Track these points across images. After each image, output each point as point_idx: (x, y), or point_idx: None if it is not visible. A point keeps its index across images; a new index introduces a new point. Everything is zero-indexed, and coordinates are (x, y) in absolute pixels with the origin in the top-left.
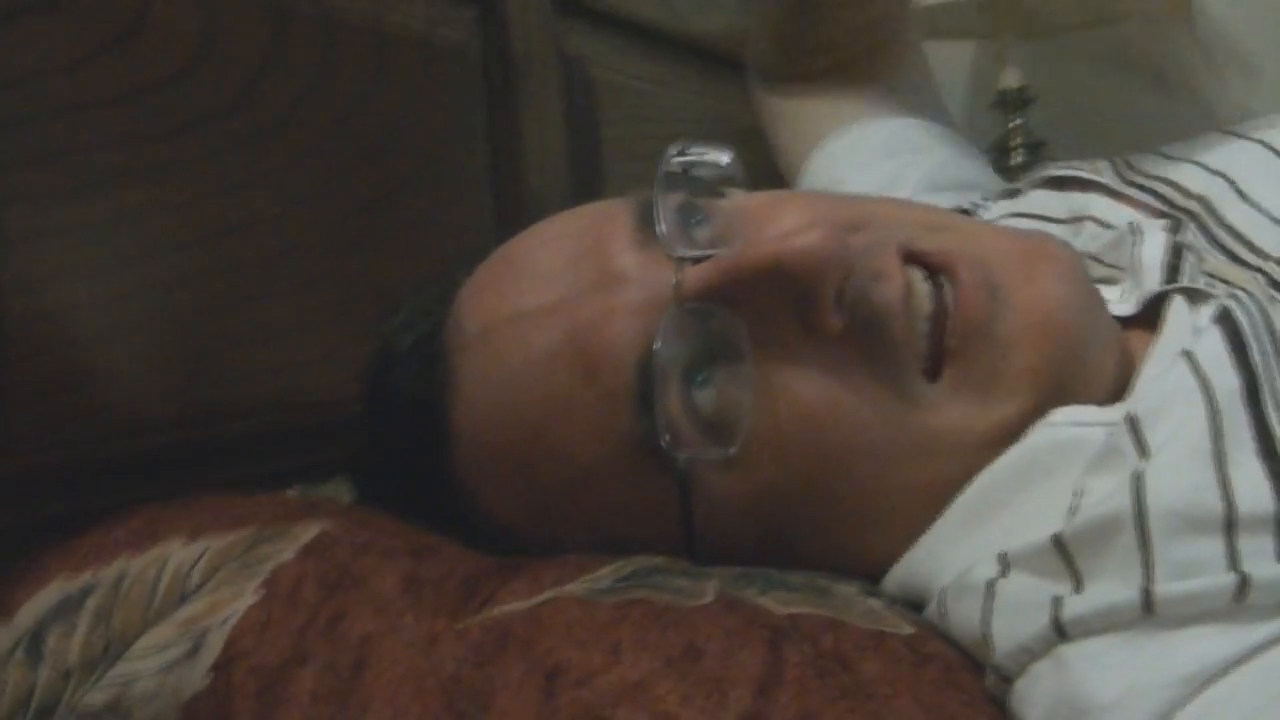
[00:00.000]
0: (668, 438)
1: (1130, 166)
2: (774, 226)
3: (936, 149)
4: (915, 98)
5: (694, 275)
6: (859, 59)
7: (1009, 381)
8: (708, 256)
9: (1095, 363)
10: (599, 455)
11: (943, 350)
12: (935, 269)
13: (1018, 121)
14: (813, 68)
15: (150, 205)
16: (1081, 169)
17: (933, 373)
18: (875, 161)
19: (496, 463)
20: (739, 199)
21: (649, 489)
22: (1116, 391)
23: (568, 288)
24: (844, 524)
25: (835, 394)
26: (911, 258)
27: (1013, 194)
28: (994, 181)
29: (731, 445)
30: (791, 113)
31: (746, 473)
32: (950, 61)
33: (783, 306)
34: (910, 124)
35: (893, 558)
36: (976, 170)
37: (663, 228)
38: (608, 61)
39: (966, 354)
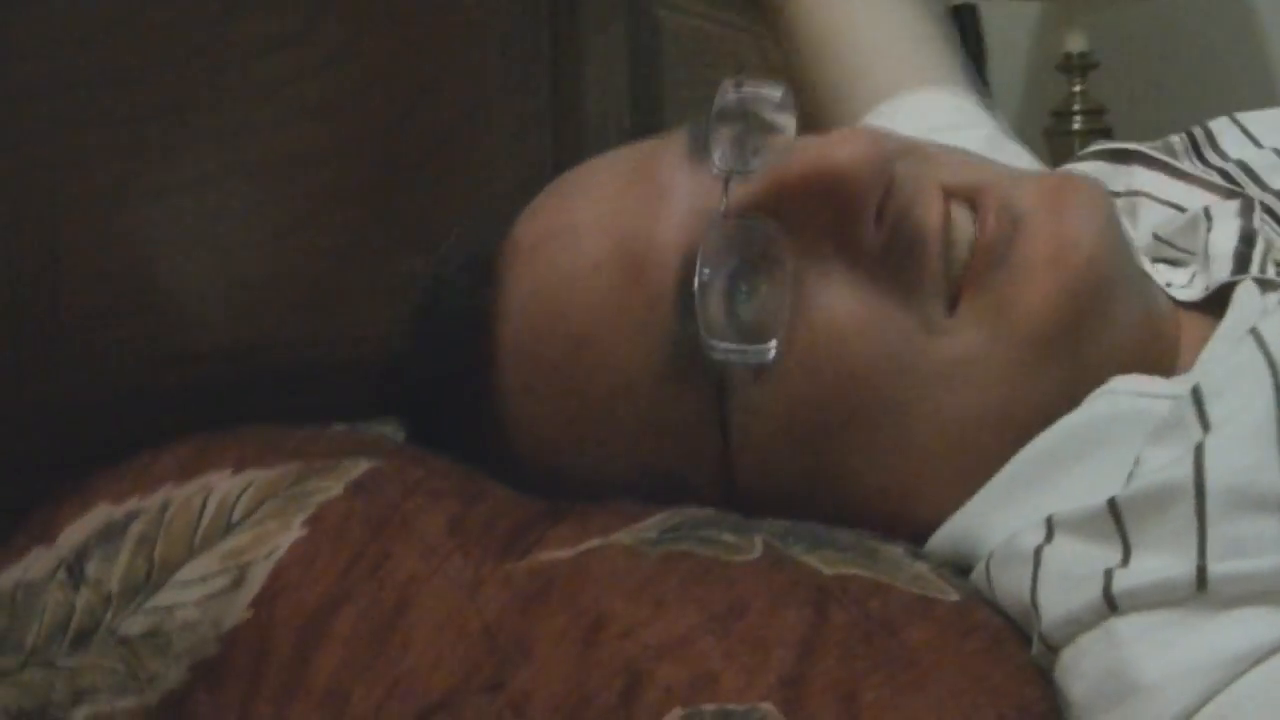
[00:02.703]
0: (705, 340)
1: (1210, 143)
2: (822, 145)
3: (978, 126)
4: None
5: (740, 188)
6: None
7: (1025, 309)
8: (756, 173)
9: (1120, 310)
10: (641, 361)
11: (967, 277)
12: (966, 200)
13: (1080, 87)
14: None
15: (205, 134)
16: (1145, 147)
17: (952, 302)
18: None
19: (541, 371)
20: (791, 133)
21: (688, 400)
22: (1163, 366)
23: (618, 203)
24: (877, 450)
25: (863, 314)
26: (950, 192)
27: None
28: (1035, 163)
29: (765, 349)
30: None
31: (780, 383)
32: (1014, 22)
33: (824, 218)
34: (949, 101)
35: (940, 505)
36: (1015, 150)
37: (714, 152)
38: (672, 3)
39: (983, 279)
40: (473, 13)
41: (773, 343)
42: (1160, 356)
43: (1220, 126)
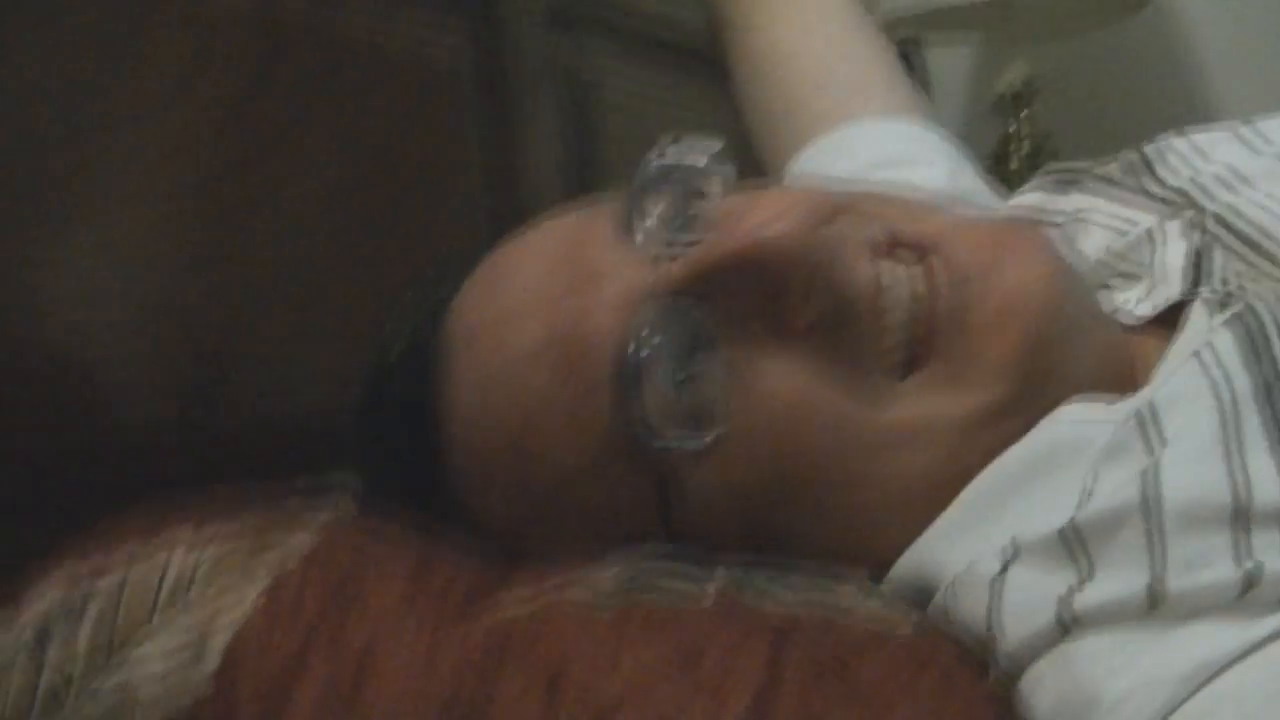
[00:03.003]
0: (643, 428)
1: (1162, 161)
2: (747, 218)
3: (937, 161)
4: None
5: (671, 268)
6: None
7: (985, 368)
8: (684, 252)
9: (1077, 354)
10: (580, 454)
11: (918, 346)
12: (912, 250)
13: (1015, 126)
14: None
15: (146, 226)
16: (1090, 169)
17: (905, 369)
18: (875, 171)
19: (485, 470)
20: (720, 195)
21: (630, 488)
22: (1118, 389)
23: (548, 288)
24: (828, 520)
25: (804, 388)
26: (886, 248)
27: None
28: (987, 191)
29: (706, 436)
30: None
31: (724, 466)
32: (948, 65)
33: (754, 298)
34: (902, 131)
35: (890, 553)
36: (971, 179)
37: (641, 224)
38: (606, 73)
39: (940, 346)
40: (406, 96)
41: (712, 429)
42: (1116, 379)
43: (1161, 149)
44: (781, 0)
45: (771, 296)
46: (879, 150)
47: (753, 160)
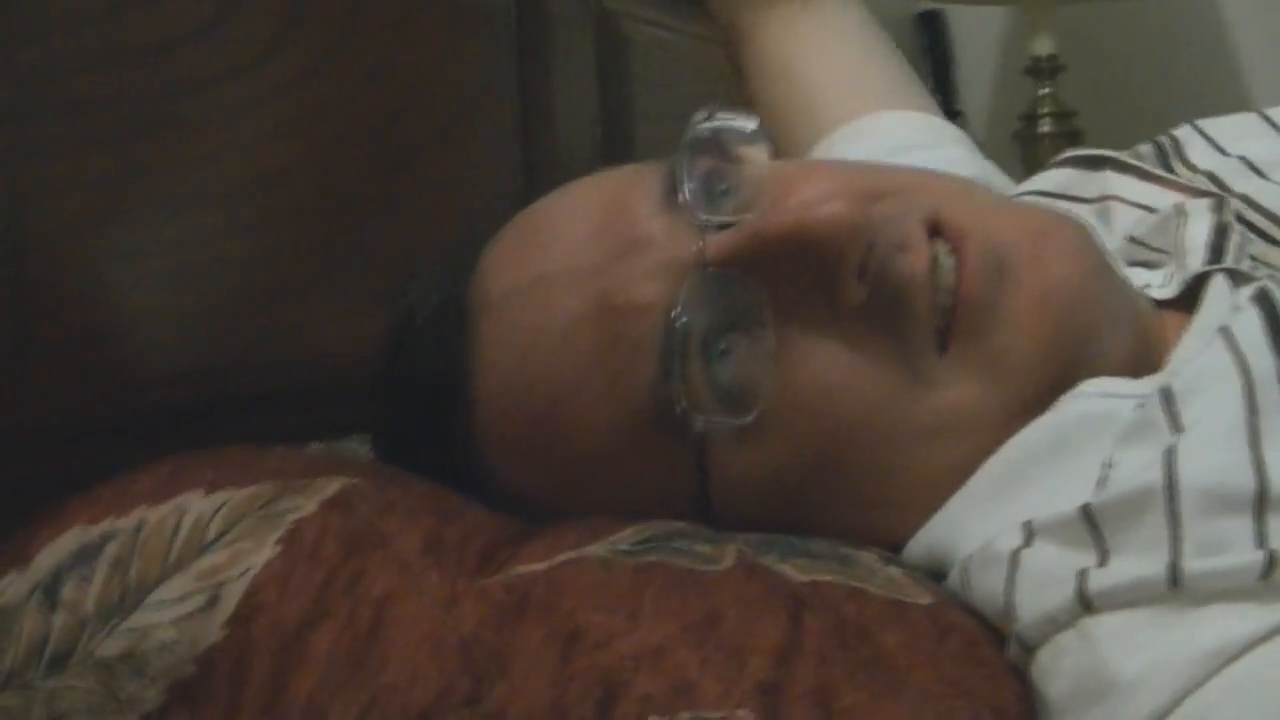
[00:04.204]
0: (684, 404)
1: (1177, 153)
2: (798, 194)
3: (952, 145)
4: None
5: (717, 241)
6: None
7: (1016, 360)
8: (732, 223)
9: (1107, 341)
10: (618, 424)
11: (956, 325)
12: (947, 238)
13: (1047, 90)
14: None
15: (170, 160)
16: (1117, 153)
17: (942, 346)
18: (897, 155)
19: (517, 432)
20: (765, 165)
21: (666, 461)
22: (1144, 368)
23: (591, 253)
24: (859, 504)
25: (849, 371)
26: (934, 229)
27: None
28: (1004, 179)
29: (747, 414)
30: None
31: (761, 445)
32: (980, 27)
33: (804, 276)
34: (920, 119)
35: (912, 531)
36: (986, 166)
37: (687, 193)
38: (641, 16)
39: (972, 331)
40: (439, 36)
41: (754, 410)
42: (1144, 361)
43: (1185, 135)
44: (793, 8)
45: (822, 275)
46: (899, 136)
47: None
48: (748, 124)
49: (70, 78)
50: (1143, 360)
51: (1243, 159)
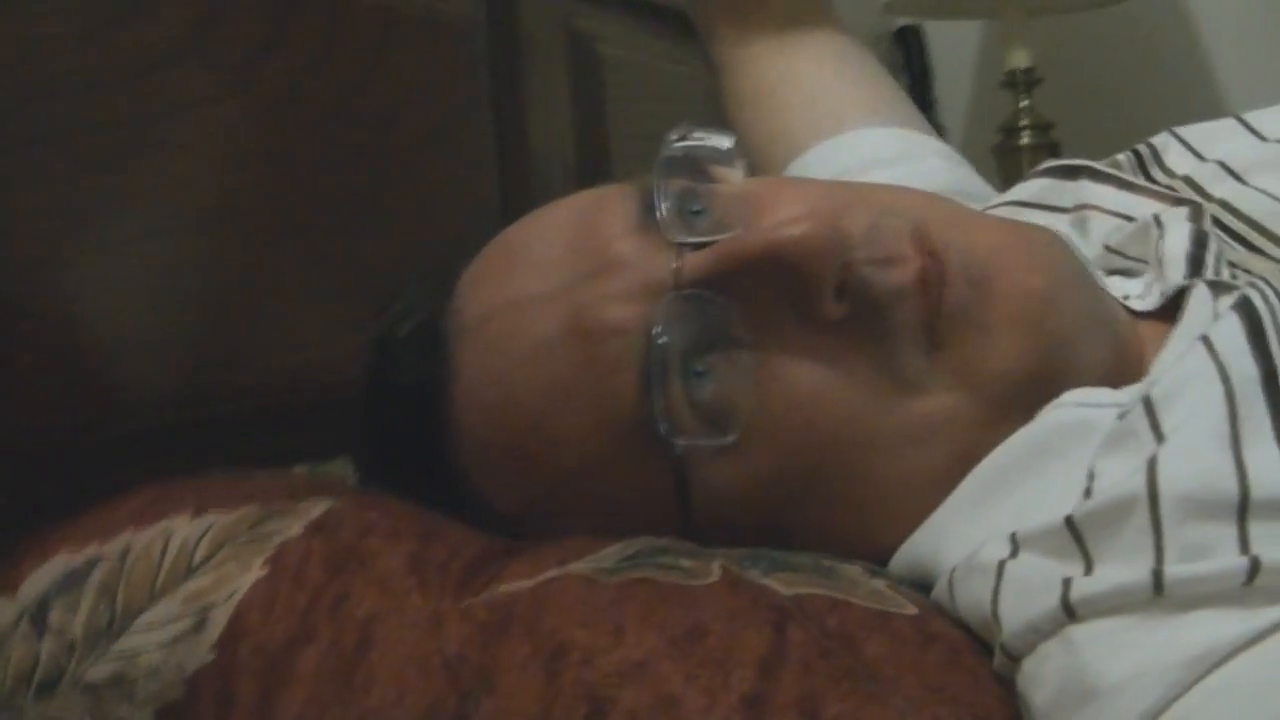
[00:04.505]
0: (666, 425)
1: (1155, 160)
2: (771, 215)
3: (933, 160)
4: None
5: (692, 261)
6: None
7: (994, 369)
8: (706, 243)
9: (1084, 350)
10: (598, 444)
11: (932, 335)
12: (932, 256)
13: (1025, 102)
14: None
15: (152, 185)
16: (1094, 163)
17: (928, 356)
18: (870, 170)
19: (497, 453)
20: (739, 184)
21: (647, 478)
22: (1124, 377)
23: (566, 275)
24: (842, 514)
25: (829, 382)
26: (918, 243)
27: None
28: (985, 189)
29: (729, 433)
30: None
31: (743, 461)
32: (957, 42)
33: (780, 294)
34: (895, 134)
35: (895, 544)
36: (967, 177)
37: (662, 213)
38: (615, 39)
39: (952, 341)
40: (414, 57)
41: (735, 428)
42: (1123, 371)
43: (1163, 142)
44: (769, 41)
45: (798, 293)
46: (876, 150)
47: None
48: (722, 143)
49: (49, 103)
50: (1123, 370)
51: (1220, 163)
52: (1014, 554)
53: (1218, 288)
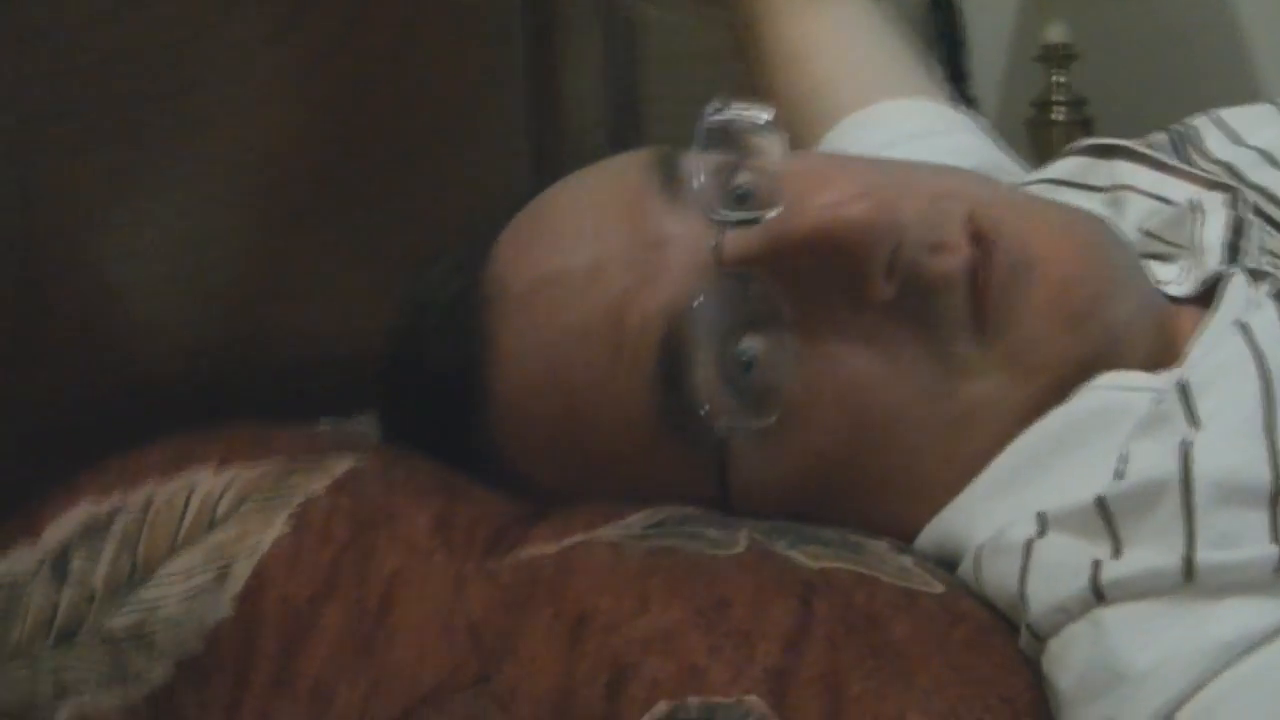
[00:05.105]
0: (705, 406)
1: (1193, 143)
2: (820, 194)
3: (958, 133)
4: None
5: (735, 240)
6: None
7: (1039, 355)
8: (749, 220)
9: (1128, 336)
10: (636, 424)
11: (981, 320)
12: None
13: (1061, 78)
14: None
15: (178, 157)
16: (1131, 142)
17: (975, 338)
18: (897, 145)
19: (533, 428)
20: (781, 159)
21: (685, 460)
22: (1161, 362)
23: (604, 249)
24: (878, 495)
25: (877, 367)
26: (961, 226)
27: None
28: (1014, 165)
29: (769, 416)
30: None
31: (783, 444)
32: (993, 15)
33: (828, 276)
34: (921, 106)
35: (929, 515)
36: (996, 152)
37: (699, 188)
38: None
39: (1000, 325)
40: (446, 24)
41: (775, 411)
42: (1162, 355)
43: (1202, 125)
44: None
45: (850, 274)
46: (909, 124)
47: None
48: (762, 115)
49: (77, 77)
50: (1160, 355)
51: (1260, 150)
52: (1042, 533)
53: (1255, 275)
